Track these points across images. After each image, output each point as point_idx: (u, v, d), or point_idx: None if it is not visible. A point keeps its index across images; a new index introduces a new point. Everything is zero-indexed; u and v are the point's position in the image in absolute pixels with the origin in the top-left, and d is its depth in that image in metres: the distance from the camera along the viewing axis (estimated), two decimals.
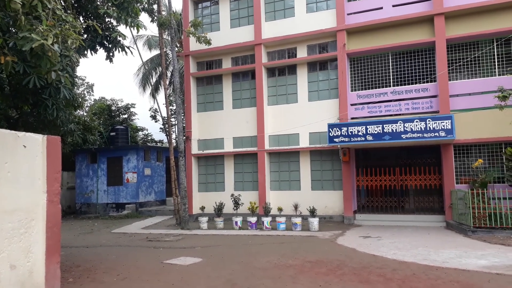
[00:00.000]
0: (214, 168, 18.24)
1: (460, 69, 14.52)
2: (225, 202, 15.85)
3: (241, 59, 17.96)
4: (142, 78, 27.87)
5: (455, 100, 14.23)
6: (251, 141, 17.35)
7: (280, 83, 17.32)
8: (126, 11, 9.60)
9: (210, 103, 18.49)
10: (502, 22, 13.72)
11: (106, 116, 27.69)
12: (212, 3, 18.67)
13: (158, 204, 22.92)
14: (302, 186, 16.55)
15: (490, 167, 13.88)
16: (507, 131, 13.10)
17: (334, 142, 14.41)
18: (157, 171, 23.17)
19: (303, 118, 16.41)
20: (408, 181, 15.03)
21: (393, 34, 15.19)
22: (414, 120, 13.38)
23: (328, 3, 16.37)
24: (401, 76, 15.29)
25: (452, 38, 14.28)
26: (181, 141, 15.89)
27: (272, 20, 17.30)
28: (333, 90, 16.20)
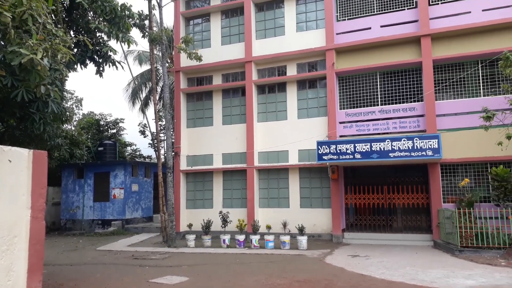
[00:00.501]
0: (203, 184, 18.11)
1: (446, 89, 14.80)
2: (213, 219, 15.70)
3: (231, 75, 18.07)
4: (132, 93, 27.80)
5: (441, 120, 14.46)
6: (241, 157, 17.31)
7: (270, 100, 17.42)
8: (118, 26, 9.63)
9: (200, 119, 18.47)
10: (486, 44, 14.09)
11: (95, 131, 27.43)
12: (203, 20, 18.85)
13: (145, 221, 22.57)
14: (291, 203, 16.49)
15: (476, 187, 14.03)
16: (493, 151, 13.29)
17: (323, 159, 14.46)
18: (145, 187, 22.90)
19: (292, 135, 16.48)
20: (396, 200, 15.09)
21: (381, 54, 15.47)
22: (402, 139, 13.52)
23: (317, 23, 16.65)
24: (389, 95, 15.52)
25: (439, 59, 14.59)
26: (169, 157, 15.78)
27: (262, 38, 17.51)
28: (322, 108, 16.34)
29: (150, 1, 16.45)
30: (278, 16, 17.42)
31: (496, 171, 12.91)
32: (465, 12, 14.48)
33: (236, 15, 18.18)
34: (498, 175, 12.81)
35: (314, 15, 16.81)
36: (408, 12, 15.30)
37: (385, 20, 15.53)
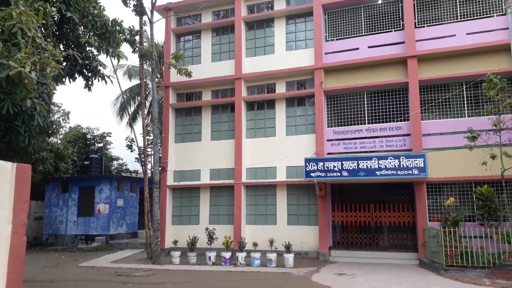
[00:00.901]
0: (189, 200, 17.95)
1: (432, 110, 15.08)
2: (199, 236, 15.52)
3: (221, 92, 18.15)
4: (120, 107, 27.65)
5: (427, 139, 14.68)
6: (228, 173, 17.26)
7: (259, 116, 17.51)
8: (108, 41, 9.65)
9: (188, 134, 18.43)
10: (470, 67, 14.45)
11: (81, 145, 27.11)
12: (194, 37, 19.01)
13: (129, 236, 22.19)
14: (278, 220, 16.42)
15: (461, 206, 14.18)
16: (477, 171, 13.48)
17: (311, 176, 14.51)
18: (130, 202, 22.60)
19: (280, 151, 16.53)
20: (383, 218, 15.14)
21: (368, 73, 15.74)
22: (388, 157, 13.67)
23: (306, 42, 16.93)
24: (376, 114, 15.73)
25: (425, 80, 14.90)
26: (156, 172, 15.65)
27: (252, 56, 17.70)
28: (310, 126, 16.47)
29: (141, 17, 16.55)
30: (268, 35, 17.68)
31: (481, 190, 13.09)
32: (450, 35, 14.88)
33: (226, 33, 18.40)
34: (483, 194, 12.99)
35: (303, 34, 17.09)
36: (395, 33, 15.67)
37: (372, 41, 15.87)
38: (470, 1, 15.01)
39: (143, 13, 16.41)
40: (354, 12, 16.44)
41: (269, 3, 17.82)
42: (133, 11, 16.38)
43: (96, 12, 9.27)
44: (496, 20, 14.49)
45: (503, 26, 14.31)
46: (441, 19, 15.32)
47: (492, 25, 14.48)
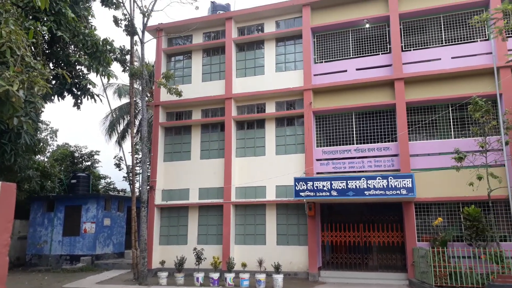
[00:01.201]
0: (177, 220, 17.74)
1: (419, 131, 15.30)
2: (187, 256, 15.29)
3: (211, 111, 18.22)
4: (109, 126, 27.50)
5: (415, 160, 14.84)
6: (217, 192, 17.16)
7: (248, 136, 17.57)
8: (98, 60, 9.70)
9: (177, 153, 18.37)
10: (456, 89, 14.78)
11: (68, 163, 26.80)
12: (185, 57, 19.18)
13: (116, 256, 21.75)
14: (268, 240, 16.29)
15: (449, 226, 14.26)
16: (464, 191, 13.62)
17: (300, 196, 14.50)
18: (117, 221, 22.24)
19: (270, 171, 16.53)
20: (372, 238, 15.11)
21: (356, 95, 15.98)
22: (377, 177, 13.76)
23: (296, 64, 17.19)
24: (364, 134, 15.90)
25: (411, 102, 15.17)
26: (144, 191, 15.50)
27: (242, 76, 17.89)
28: (300, 145, 16.56)
29: (132, 37, 16.68)
30: (258, 56, 17.93)
31: (468, 210, 13.20)
32: (435, 59, 15.26)
33: (217, 53, 18.60)
34: (470, 214, 13.10)
35: (292, 56, 17.37)
36: (382, 56, 16.01)
37: (360, 63, 16.18)
38: (454, 26, 15.47)
39: (134, 33, 16.55)
40: (342, 35, 16.80)
41: (259, 26, 18.14)
42: (124, 31, 16.52)
43: (87, 31, 9.32)
44: (480, 45, 14.93)
45: (487, 50, 14.74)
46: (427, 43, 15.73)
47: (476, 50, 14.91)
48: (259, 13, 17.77)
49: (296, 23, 17.48)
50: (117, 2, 15.52)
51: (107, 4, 14.77)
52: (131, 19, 16.52)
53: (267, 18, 17.87)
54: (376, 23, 16.31)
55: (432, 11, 15.52)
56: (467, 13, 15.28)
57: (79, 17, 10.60)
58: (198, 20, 18.43)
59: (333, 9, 16.92)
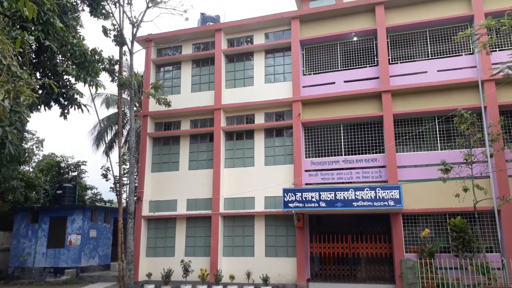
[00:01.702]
0: (165, 231, 17.54)
1: (406, 142, 15.47)
2: (174, 268, 15.11)
3: (200, 122, 18.19)
4: (97, 136, 27.25)
5: (402, 171, 14.97)
6: (206, 203, 17.04)
7: (237, 146, 17.55)
8: (86, 70, 9.64)
9: (165, 164, 18.24)
10: (442, 102, 15.03)
11: (54, 173, 26.39)
12: (174, 68, 19.18)
13: (101, 269, 21.36)
14: (256, 252, 16.17)
15: (436, 237, 14.36)
16: (451, 203, 13.75)
17: (289, 207, 14.49)
18: (104, 233, 21.90)
19: (259, 182, 16.50)
20: (360, 249, 15.11)
21: (344, 107, 16.14)
22: (365, 188, 13.84)
23: (285, 76, 17.32)
24: (352, 146, 16.02)
25: (399, 114, 15.36)
26: (131, 202, 15.33)
27: (232, 87, 17.94)
28: (289, 156, 16.60)
29: (121, 47, 16.65)
30: (248, 68, 18.02)
31: (455, 222, 13.33)
32: (422, 72, 15.52)
33: (206, 64, 18.66)
34: (456, 226, 13.23)
35: (281, 68, 17.51)
36: (370, 69, 16.23)
37: (348, 76, 16.38)
38: (440, 40, 15.80)
39: (123, 43, 16.53)
40: (331, 48, 17.02)
41: (248, 38, 18.27)
42: (113, 41, 16.49)
43: (75, 41, 9.28)
44: (465, 58, 15.25)
45: (471, 64, 15.06)
46: (413, 56, 16.01)
47: (461, 63, 15.22)
48: (249, 25, 17.92)
49: (285, 36, 17.66)
50: (106, 12, 15.51)
51: (96, 15, 14.76)
52: (120, 30, 16.52)
53: (256, 30, 18.03)
54: (363, 36, 16.56)
55: (418, 25, 15.84)
56: (452, 27, 15.63)
57: (67, 27, 10.55)
58: (188, 31, 18.50)
59: (321, 22, 17.15)
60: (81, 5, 14.36)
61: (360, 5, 16.50)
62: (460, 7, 15.60)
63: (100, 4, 14.57)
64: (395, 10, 16.30)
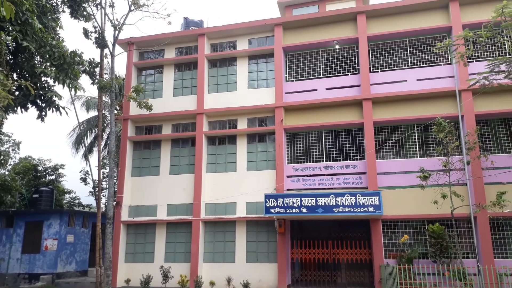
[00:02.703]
0: (144, 236, 17.27)
1: (386, 149, 15.70)
2: (154, 274, 14.91)
3: (181, 126, 18.06)
4: (76, 139, 26.70)
5: (382, 178, 15.17)
6: (187, 209, 16.88)
7: (220, 151, 17.48)
8: (66, 72, 9.45)
9: (146, 168, 18.01)
10: (421, 110, 15.33)
11: (31, 177, 25.73)
12: (156, 71, 19.02)
13: (78, 275, 20.87)
14: (237, 257, 16.08)
15: (415, 243, 14.57)
16: (429, 209, 14.00)
17: (270, 212, 14.49)
18: (81, 238, 21.44)
19: (241, 187, 16.45)
20: (340, 255, 15.20)
21: (326, 113, 16.29)
22: (345, 194, 13.97)
23: (268, 82, 17.39)
24: (334, 152, 16.16)
25: (379, 121, 15.59)
26: (110, 207, 15.07)
27: (215, 92, 17.90)
28: (271, 162, 16.62)
29: (102, 50, 16.42)
30: (231, 73, 18.03)
31: (433, 228, 13.57)
32: (402, 81, 15.83)
33: (189, 69, 18.58)
34: (435, 232, 13.47)
35: (264, 74, 17.58)
36: (351, 77, 16.45)
37: (330, 83, 16.56)
38: (419, 50, 16.15)
39: (104, 46, 16.31)
40: (313, 55, 17.19)
41: (231, 43, 18.30)
42: (94, 44, 16.25)
43: (54, 42, 9.09)
44: (443, 68, 15.63)
45: (449, 74, 15.44)
46: (393, 65, 16.32)
47: (440, 73, 15.59)
48: (232, 30, 17.94)
49: (268, 42, 17.76)
50: (87, 14, 15.29)
51: (77, 16, 14.53)
52: (101, 32, 16.30)
53: (239, 36, 18.06)
54: (345, 44, 16.79)
55: (398, 34, 16.17)
56: (431, 38, 16.00)
57: (46, 28, 10.33)
58: (171, 35, 18.40)
59: (304, 30, 17.32)
60: (62, 6, 14.10)
61: (342, 14, 16.75)
62: (439, 18, 16.00)
63: (81, 6, 14.35)
64: (376, 19, 16.60)
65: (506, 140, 14.72)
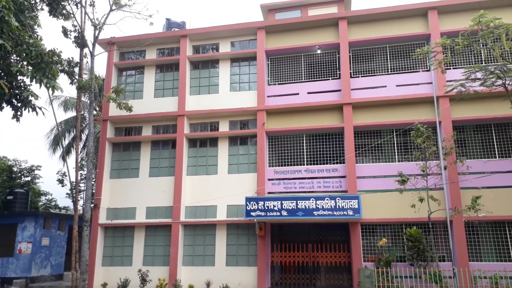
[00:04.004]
0: (123, 240, 16.98)
1: (366, 154, 15.91)
2: (131, 278, 14.69)
3: (162, 128, 17.87)
4: (54, 140, 26.08)
5: (361, 182, 15.35)
6: (166, 211, 16.69)
7: (201, 154, 17.37)
8: (43, 72, 9.23)
9: (125, 170, 17.73)
10: (400, 115, 15.60)
11: (5, 178, 24.97)
12: (137, 72, 18.79)
13: (53, 279, 20.36)
14: (217, 261, 15.97)
15: (393, 246, 14.77)
16: (407, 213, 14.23)
17: (251, 216, 14.48)
18: (57, 241, 20.92)
19: (222, 190, 16.37)
20: (320, 258, 15.29)
21: (307, 117, 16.40)
22: (325, 198, 14.08)
23: (250, 85, 17.40)
24: (314, 156, 16.28)
25: (359, 126, 15.79)
26: (88, 209, 14.78)
27: (196, 94, 17.79)
28: (252, 165, 16.61)
29: (82, 49, 16.14)
30: (213, 75, 17.97)
31: (410, 231, 13.80)
32: (381, 86, 16.09)
33: (171, 70, 18.42)
34: (412, 235, 13.69)
35: (247, 77, 17.58)
36: (332, 82, 16.62)
37: (311, 87, 16.69)
38: (399, 56, 16.46)
39: (84, 45, 16.04)
40: (295, 59, 17.31)
41: (214, 45, 18.24)
42: (73, 43, 15.95)
43: (31, 41, 8.88)
44: (422, 75, 15.96)
45: (428, 80, 15.78)
46: (374, 71, 16.57)
47: (418, 79, 15.91)
48: (215, 33, 17.90)
49: (251, 45, 17.78)
50: (67, 13, 15.02)
51: (56, 15, 14.24)
52: (81, 31, 16.03)
53: (222, 38, 18.03)
54: (327, 49, 16.96)
55: (379, 41, 16.43)
56: (410, 44, 16.33)
57: (24, 26, 10.08)
58: (152, 36, 18.23)
59: (286, 34, 17.42)
60: (40, 4, 13.80)
61: (324, 19, 16.93)
62: (418, 25, 16.35)
63: (60, 4, 14.07)
64: (357, 25, 16.84)
65: (482, 146, 15.12)
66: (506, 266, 13.45)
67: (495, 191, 14.20)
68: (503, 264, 13.61)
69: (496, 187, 14.28)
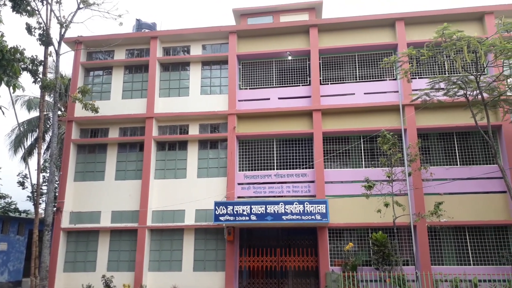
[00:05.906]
0: (86, 244, 16.43)
1: (334, 159, 16.15)
2: (95, 284, 14.24)
3: (130, 130, 17.49)
4: (15, 140, 25.00)
5: (329, 187, 15.56)
6: (132, 216, 16.30)
7: (169, 157, 17.10)
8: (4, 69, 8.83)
9: (90, 173, 17.21)
10: (367, 122, 15.96)
11: None
12: (105, 73, 18.33)
13: (11, 286, 19.47)
14: (184, 266, 15.72)
15: (359, 251, 15.03)
16: (373, 218, 14.53)
17: (220, 220, 14.37)
18: (16, 246, 20.05)
19: (190, 194, 16.16)
20: (288, 262, 15.32)
21: (278, 122, 16.51)
22: (294, 202, 14.17)
23: (221, 88, 17.34)
24: (284, 160, 16.38)
25: (328, 132, 16.03)
26: (49, 213, 14.23)
27: (166, 96, 17.55)
28: (222, 169, 16.51)
29: (46, 48, 15.59)
30: (183, 78, 17.79)
31: (376, 236, 14.08)
32: (350, 94, 16.41)
33: (140, 71, 18.09)
34: (377, 240, 13.98)
35: (218, 81, 17.52)
36: (302, 88, 16.82)
37: (282, 93, 16.83)
38: (367, 65, 16.87)
39: (49, 43, 15.50)
40: (267, 65, 17.42)
41: (185, 47, 18.08)
42: (38, 41, 15.38)
43: None
44: (388, 83, 16.40)
45: (394, 89, 16.23)
46: (343, 78, 16.90)
47: (385, 88, 16.34)
48: (186, 35, 17.75)
49: (222, 49, 17.75)
50: (31, 9, 14.48)
51: (19, 11, 13.71)
52: (46, 29, 15.50)
53: (193, 41, 17.91)
54: (298, 56, 17.16)
55: (348, 49, 16.79)
56: (378, 54, 16.77)
57: None
58: (122, 36, 17.87)
59: (258, 39, 17.51)
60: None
61: (295, 26, 17.14)
62: (386, 35, 16.83)
63: (24, 0, 13.56)
64: (328, 33, 17.14)
65: (444, 154, 15.67)
66: (466, 269, 13.96)
67: (456, 197, 14.74)
68: (463, 267, 14.12)
69: (458, 193, 14.82)
